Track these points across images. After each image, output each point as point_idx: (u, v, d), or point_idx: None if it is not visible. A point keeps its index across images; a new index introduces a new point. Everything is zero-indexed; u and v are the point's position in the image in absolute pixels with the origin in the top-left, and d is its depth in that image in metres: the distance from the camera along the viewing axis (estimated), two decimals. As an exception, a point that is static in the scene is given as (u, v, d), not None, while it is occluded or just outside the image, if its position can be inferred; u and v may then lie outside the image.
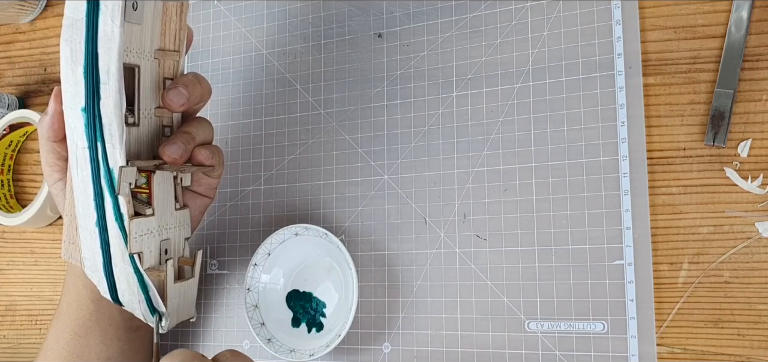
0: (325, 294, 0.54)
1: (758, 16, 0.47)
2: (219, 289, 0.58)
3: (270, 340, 0.52)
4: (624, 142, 0.47)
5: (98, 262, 0.43)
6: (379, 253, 0.53)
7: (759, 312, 0.45)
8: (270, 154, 0.58)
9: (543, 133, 0.50)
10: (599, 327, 0.47)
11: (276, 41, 0.59)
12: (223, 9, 0.62)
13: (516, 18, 0.52)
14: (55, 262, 0.66)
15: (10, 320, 0.67)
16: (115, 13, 0.39)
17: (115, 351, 0.51)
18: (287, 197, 0.57)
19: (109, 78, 0.39)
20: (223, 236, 0.58)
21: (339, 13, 0.58)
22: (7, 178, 0.68)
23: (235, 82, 0.60)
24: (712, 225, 0.46)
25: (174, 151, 0.44)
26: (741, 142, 0.46)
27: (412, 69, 0.54)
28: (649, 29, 0.49)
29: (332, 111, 0.56)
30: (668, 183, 0.47)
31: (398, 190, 0.53)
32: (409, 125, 0.54)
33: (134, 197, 0.43)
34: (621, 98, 0.48)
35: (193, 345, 0.58)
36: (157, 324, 0.46)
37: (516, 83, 0.51)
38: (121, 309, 0.50)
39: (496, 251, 0.50)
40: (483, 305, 0.50)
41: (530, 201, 0.49)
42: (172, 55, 0.45)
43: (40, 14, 0.70)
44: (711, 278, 0.46)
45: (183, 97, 0.44)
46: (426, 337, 0.51)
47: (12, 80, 0.70)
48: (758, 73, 0.46)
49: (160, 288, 0.45)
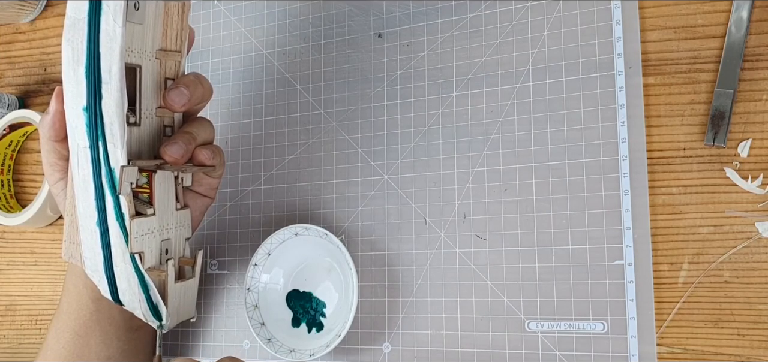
0: (325, 294, 0.54)
1: (758, 16, 0.47)
2: (219, 289, 0.58)
3: (270, 340, 0.52)
4: (624, 142, 0.47)
5: (99, 262, 0.43)
6: (379, 253, 0.53)
7: (759, 312, 0.45)
8: (270, 154, 0.58)
9: (543, 133, 0.50)
10: (599, 327, 0.47)
11: (276, 41, 0.59)
12: (223, 9, 0.62)
13: (516, 18, 0.52)
14: (55, 262, 0.66)
15: (10, 320, 0.67)
16: (118, 12, 0.39)
17: (116, 350, 0.51)
18: (287, 197, 0.57)
19: (111, 78, 0.39)
20: (223, 236, 0.58)
21: (339, 13, 0.58)
22: (7, 178, 0.68)
23: (235, 82, 0.60)
24: (712, 225, 0.46)
25: (175, 150, 0.44)
26: (741, 142, 0.46)
27: (412, 69, 0.54)
28: (649, 29, 0.49)
29: (332, 111, 0.56)
30: (668, 183, 0.47)
31: (398, 190, 0.53)
32: (409, 125, 0.54)
33: (135, 197, 0.43)
34: (621, 98, 0.48)
35: (193, 345, 0.58)
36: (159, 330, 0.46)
37: (516, 83, 0.51)
38: (121, 309, 0.50)
39: (496, 251, 0.50)
40: (483, 305, 0.50)
41: (530, 201, 0.49)
42: (173, 56, 0.45)
43: (40, 14, 0.70)
44: (711, 278, 0.46)
45: (184, 97, 0.44)
46: (426, 337, 0.51)
47: (12, 80, 0.70)
48: (758, 73, 0.46)
49: (161, 288, 0.45)
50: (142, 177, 0.44)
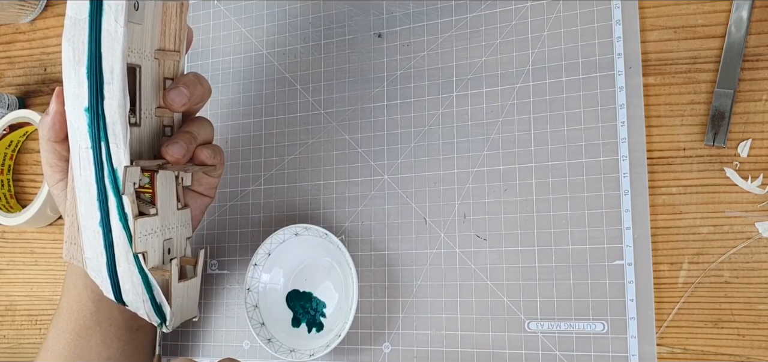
0: (325, 294, 0.54)
1: (758, 16, 0.47)
2: (219, 289, 0.58)
3: (270, 340, 0.52)
4: (624, 142, 0.47)
5: (102, 263, 0.43)
6: (379, 253, 0.53)
7: (759, 312, 0.45)
8: (270, 154, 0.58)
9: (543, 133, 0.50)
10: (599, 327, 0.47)
11: (276, 41, 0.59)
12: (223, 9, 0.62)
13: (516, 18, 0.52)
14: (55, 262, 0.66)
15: (10, 320, 0.67)
16: (119, 12, 0.39)
17: (116, 351, 0.51)
18: (287, 197, 0.57)
19: (113, 78, 0.39)
20: (223, 236, 0.58)
21: (339, 13, 0.58)
22: (7, 178, 0.68)
23: (235, 82, 0.60)
24: (712, 225, 0.46)
25: (177, 150, 0.44)
26: (741, 142, 0.46)
27: (412, 69, 0.54)
28: (649, 29, 0.49)
29: (332, 111, 0.56)
30: (668, 183, 0.47)
31: (398, 190, 0.53)
32: (409, 125, 0.54)
33: (137, 197, 0.43)
34: (621, 98, 0.48)
35: (194, 344, 0.58)
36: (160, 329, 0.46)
37: (516, 83, 0.51)
38: (121, 309, 0.50)
39: (496, 251, 0.50)
40: (483, 305, 0.50)
41: (530, 201, 0.49)
42: (172, 55, 0.45)
43: (40, 14, 0.70)
44: (711, 278, 0.46)
45: (184, 97, 0.44)
46: (426, 337, 0.51)
47: (12, 80, 0.70)
48: (758, 73, 0.46)
49: (165, 288, 0.45)
50: (144, 177, 0.44)
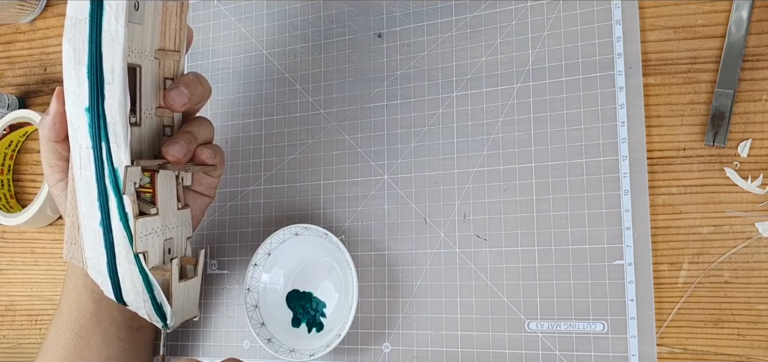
0: (325, 294, 0.54)
1: (758, 16, 0.47)
2: (219, 289, 0.58)
3: (270, 340, 0.52)
4: (624, 142, 0.48)
5: (102, 263, 0.43)
6: (379, 253, 0.53)
7: (759, 312, 0.45)
8: (270, 154, 0.58)
9: (543, 133, 0.50)
10: (599, 327, 0.47)
11: (276, 41, 0.59)
12: (223, 9, 0.62)
13: (516, 18, 0.52)
14: (55, 262, 0.66)
15: (10, 320, 0.67)
16: (120, 12, 0.39)
17: (116, 351, 0.51)
18: (287, 197, 0.57)
19: (113, 78, 0.39)
20: (223, 236, 0.58)
21: (339, 13, 0.58)
22: (7, 178, 0.68)
23: (235, 82, 0.60)
24: (712, 225, 0.46)
25: (177, 150, 0.44)
26: (741, 142, 0.46)
27: (412, 69, 0.54)
28: (649, 29, 0.49)
29: (332, 111, 0.56)
30: (668, 183, 0.47)
31: (398, 190, 0.53)
32: (409, 125, 0.54)
33: (138, 196, 0.43)
34: (621, 98, 0.48)
35: (194, 344, 0.58)
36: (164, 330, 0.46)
37: (516, 83, 0.51)
38: (122, 309, 0.50)
39: (496, 251, 0.50)
40: (483, 305, 0.50)
41: (530, 201, 0.49)
42: (172, 55, 0.45)
43: (40, 14, 0.70)
44: (711, 278, 0.46)
45: (184, 97, 0.44)
46: (426, 337, 0.51)
47: (12, 80, 0.70)
48: (758, 73, 0.46)
49: (165, 288, 0.45)
50: (144, 177, 0.44)
